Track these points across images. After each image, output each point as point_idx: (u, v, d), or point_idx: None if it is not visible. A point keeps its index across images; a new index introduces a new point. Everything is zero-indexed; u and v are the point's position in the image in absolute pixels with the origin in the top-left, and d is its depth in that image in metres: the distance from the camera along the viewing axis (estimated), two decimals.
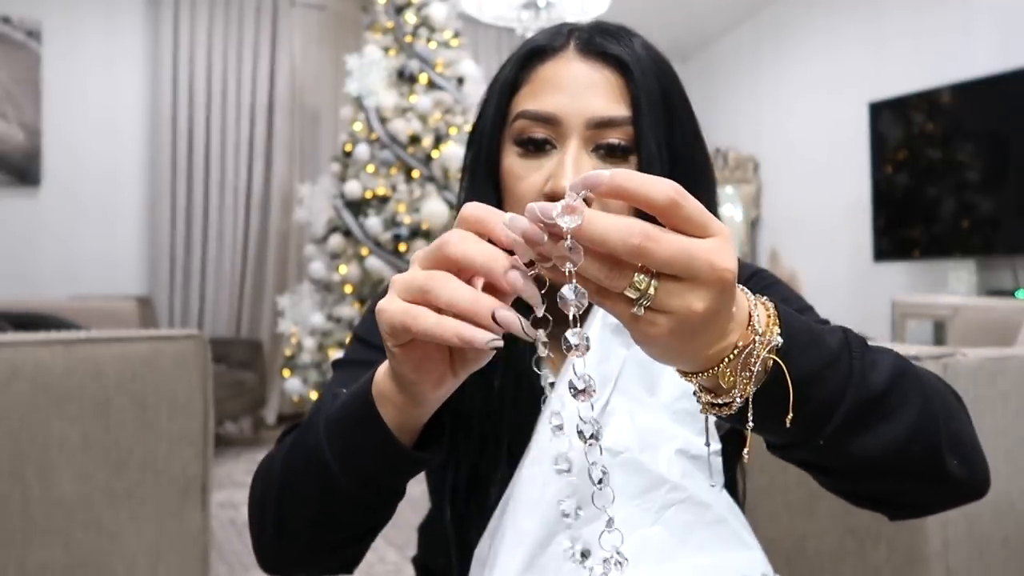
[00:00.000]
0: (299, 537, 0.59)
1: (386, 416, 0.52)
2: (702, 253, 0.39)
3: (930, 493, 0.55)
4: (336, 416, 0.55)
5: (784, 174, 5.11)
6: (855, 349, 0.49)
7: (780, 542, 1.23)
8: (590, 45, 0.68)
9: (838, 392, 0.47)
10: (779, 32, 5.08)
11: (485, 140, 0.71)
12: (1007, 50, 3.66)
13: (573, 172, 0.64)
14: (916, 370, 0.53)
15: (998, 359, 1.11)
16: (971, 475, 0.54)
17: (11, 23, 4.13)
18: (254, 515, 0.62)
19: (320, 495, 0.56)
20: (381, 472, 0.55)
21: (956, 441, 0.52)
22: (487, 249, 0.42)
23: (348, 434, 0.54)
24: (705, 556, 0.59)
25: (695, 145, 0.71)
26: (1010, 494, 1.12)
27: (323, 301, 3.99)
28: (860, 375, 0.48)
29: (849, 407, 0.47)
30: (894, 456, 0.49)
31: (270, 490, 0.60)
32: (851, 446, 0.48)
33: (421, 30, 4.01)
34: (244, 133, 4.66)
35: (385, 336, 0.46)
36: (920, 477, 0.52)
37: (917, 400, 0.51)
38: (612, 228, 0.38)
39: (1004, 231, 3.64)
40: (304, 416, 0.64)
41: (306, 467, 0.56)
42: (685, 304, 0.39)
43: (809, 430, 0.47)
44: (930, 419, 0.51)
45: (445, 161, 3.84)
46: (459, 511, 0.70)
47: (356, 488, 0.55)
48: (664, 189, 0.39)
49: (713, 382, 0.44)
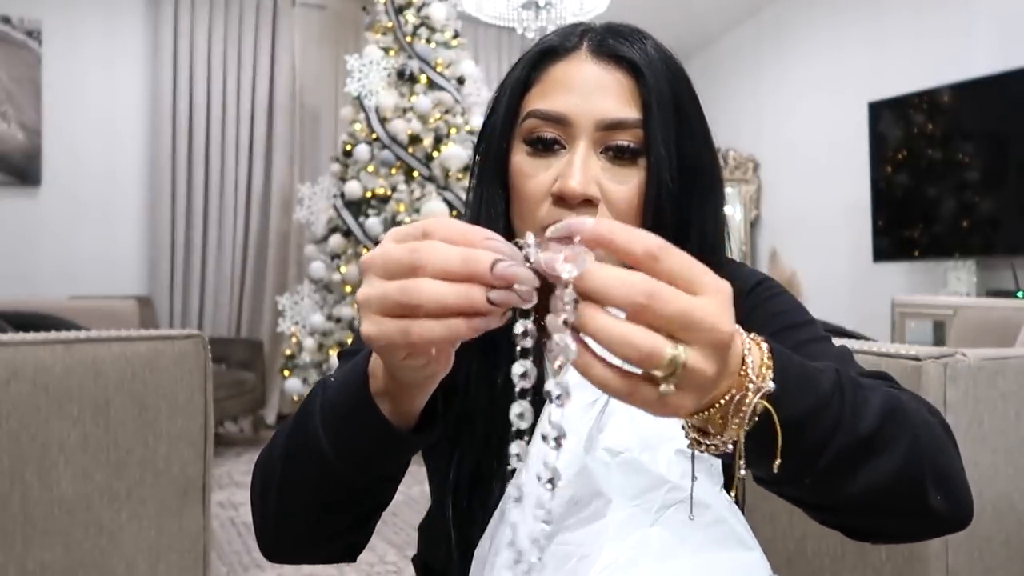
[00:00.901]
0: (300, 523, 0.60)
1: (382, 404, 0.52)
2: (702, 313, 0.37)
3: (914, 526, 0.56)
4: (332, 404, 0.56)
5: (784, 174, 5.11)
6: (847, 389, 0.49)
7: (780, 542, 1.23)
8: (602, 46, 0.68)
9: (827, 434, 0.47)
10: (779, 32, 5.08)
11: (495, 138, 0.71)
12: (1007, 50, 3.66)
13: (581, 173, 0.65)
14: (905, 405, 0.54)
15: (998, 359, 1.11)
16: (954, 510, 0.54)
17: (11, 23, 4.13)
18: (256, 503, 0.62)
19: (319, 481, 0.57)
20: (378, 458, 0.55)
21: (942, 476, 0.53)
22: (458, 258, 0.40)
23: (344, 422, 0.54)
24: (705, 556, 0.59)
25: (704, 150, 0.71)
26: (1010, 495, 1.12)
27: (323, 301, 3.99)
28: (850, 416, 0.48)
29: (837, 449, 0.48)
30: (880, 494, 0.50)
31: (270, 477, 0.60)
32: (838, 485, 0.49)
33: (421, 30, 4.01)
34: (244, 133, 4.66)
35: (382, 356, 0.46)
36: (905, 513, 0.53)
37: (905, 439, 0.51)
38: (614, 283, 0.36)
39: (1004, 231, 3.64)
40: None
41: (304, 455, 0.57)
42: (700, 370, 0.38)
43: (798, 470, 0.48)
44: (916, 457, 0.52)
45: (445, 161, 3.84)
46: (461, 508, 0.70)
47: (354, 474, 0.55)
48: (646, 243, 0.38)
49: (703, 424, 0.44)
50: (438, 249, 0.40)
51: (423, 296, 0.40)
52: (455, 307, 0.40)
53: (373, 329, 0.43)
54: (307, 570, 2.42)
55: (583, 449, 0.60)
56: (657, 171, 0.66)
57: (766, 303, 0.73)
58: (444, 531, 0.71)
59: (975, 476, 1.10)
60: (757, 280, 0.76)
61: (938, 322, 3.19)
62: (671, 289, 0.37)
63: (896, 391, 0.56)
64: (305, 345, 3.89)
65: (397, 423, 0.53)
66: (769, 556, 0.62)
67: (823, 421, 0.47)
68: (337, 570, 2.41)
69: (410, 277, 0.41)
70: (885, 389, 0.53)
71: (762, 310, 0.72)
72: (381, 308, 0.42)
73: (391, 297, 0.41)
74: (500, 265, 0.39)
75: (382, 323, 0.42)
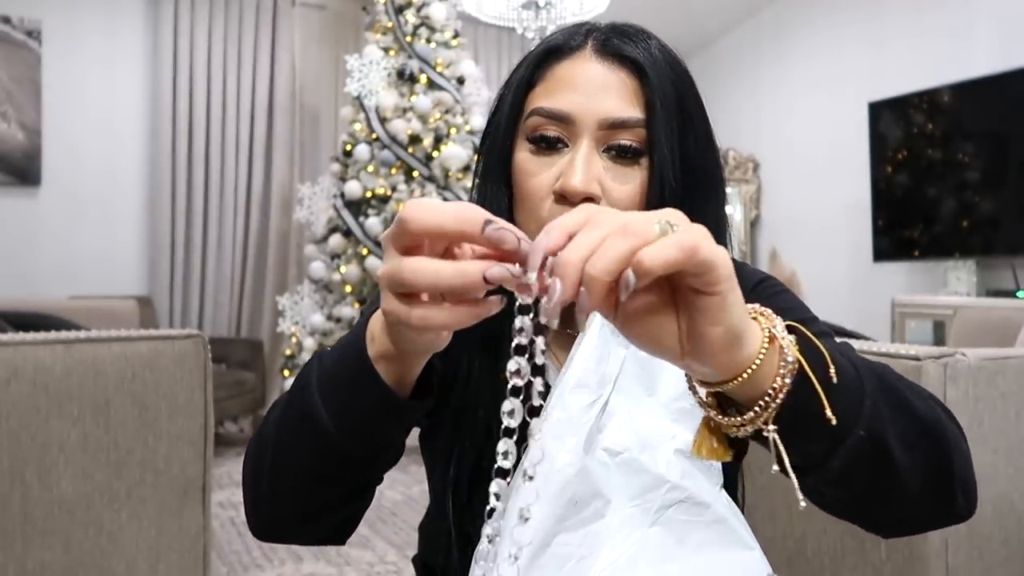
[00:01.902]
0: (295, 496, 0.59)
1: (383, 371, 0.53)
2: (688, 240, 0.39)
3: (931, 517, 0.57)
4: (329, 373, 0.56)
5: (784, 174, 5.11)
6: (858, 363, 0.51)
7: (780, 542, 1.23)
8: (607, 46, 0.68)
9: (859, 395, 0.48)
10: (779, 32, 5.08)
11: (498, 136, 0.72)
12: (1007, 50, 3.66)
13: (583, 171, 0.65)
14: (920, 389, 0.55)
15: (998, 359, 1.11)
16: (968, 504, 0.56)
17: (11, 23, 4.13)
18: (248, 479, 0.62)
19: (315, 452, 0.56)
20: (377, 424, 0.55)
21: (961, 470, 0.54)
22: (452, 212, 0.41)
23: (344, 392, 0.54)
24: (705, 556, 0.59)
25: (707, 150, 0.71)
26: (1010, 494, 1.12)
27: (323, 301, 3.99)
28: (873, 386, 0.49)
29: (873, 405, 0.48)
30: (912, 481, 0.51)
31: (264, 451, 0.60)
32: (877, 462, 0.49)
33: (421, 30, 4.01)
34: (244, 133, 4.66)
35: (392, 329, 0.47)
36: (930, 503, 0.54)
37: (928, 414, 0.52)
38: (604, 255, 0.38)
39: (1004, 231, 3.64)
40: None
41: (300, 427, 0.56)
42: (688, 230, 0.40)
43: (836, 436, 0.47)
44: (945, 446, 0.53)
45: (445, 161, 3.84)
46: (461, 504, 0.70)
47: (351, 442, 0.55)
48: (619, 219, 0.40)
49: (750, 384, 0.44)
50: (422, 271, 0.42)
51: (420, 274, 0.41)
52: (450, 283, 0.41)
53: (386, 305, 0.44)
54: (308, 569, 2.42)
55: (582, 449, 0.60)
56: (660, 171, 0.66)
57: (768, 301, 0.73)
58: (444, 528, 0.71)
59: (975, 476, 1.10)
60: (759, 278, 0.76)
61: (938, 322, 3.19)
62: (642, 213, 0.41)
63: (920, 386, 0.57)
64: (305, 345, 3.89)
65: (395, 389, 0.54)
66: (769, 556, 0.62)
67: (853, 384, 0.48)
68: (337, 570, 2.41)
69: (413, 249, 0.42)
70: (908, 381, 0.55)
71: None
72: (389, 286, 0.43)
73: (395, 276, 0.42)
74: (490, 227, 0.40)
75: (391, 300, 0.44)
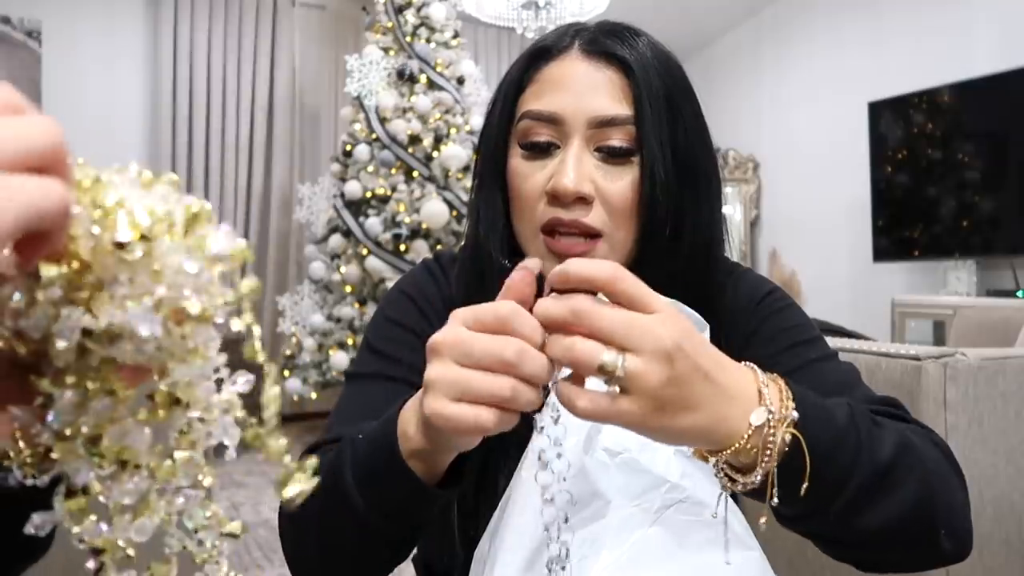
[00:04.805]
0: (341, 565, 0.62)
1: (416, 467, 0.54)
2: (641, 322, 0.42)
3: (921, 558, 0.58)
4: (364, 467, 0.57)
5: (784, 174, 5.11)
6: (861, 424, 0.51)
7: (780, 542, 1.23)
8: (594, 45, 0.68)
9: (848, 465, 0.49)
10: (779, 32, 5.07)
11: (492, 141, 0.72)
12: (1007, 50, 3.66)
13: (574, 171, 0.65)
14: (915, 440, 0.55)
15: (998, 359, 1.11)
16: (957, 547, 0.56)
17: (11, 23, 4.13)
18: (292, 548, 0.64)
19: (356, 533, 0.59)
20: (415, 511, 0.57)
21: (948, 513, 0.55)
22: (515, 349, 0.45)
23: (379, 485, 0.56)
24: (705, 556, 0.59)
25: (699, 146, 0.70)
26: (1010, 495, 1.12)
27: (323, 301, 3.99)
28: (867, 450, 0.50)
29: (858, 481, 0.49)
30: (896, 527, 0.52)
31: (307, 535, 0.62)
32: (858, 518, 0.50)
33: (421, 30, 4.01)
34: (244, 133, 4.66)
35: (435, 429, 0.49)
36: (917, 544, 0.55)
37: (919, 474, 0.53)
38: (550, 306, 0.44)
39: (1004, 231, 3.63)
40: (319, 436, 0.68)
41: (339, 510, 0.58)
42: (642, 378, 0.42)
43: (823, 500, 0.49)
44: (929, 493, 0.53)
45: (445, 161, 3.84)
46: (466, 505, 0.70)
47: (389, 526, 0.57)
48: (600, 272, 0.44)
49: (736, 459, 0.47)
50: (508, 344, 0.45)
51: (482, 387, 0.45)
52: (500, 398, 0.45)
53: (440, 407, 0.46)
54: None
55: (582, 450, 0.60)
56: (650, 168, 0.66)
57: (774, 316, 0.73)
58: (445, 532, 0.71)
59: (975, 476, 1.10)
60: (766, 291, 0.76)
61: (938, 322, 3.19)
62: (607, 307, 0.43)
63: (903, 425, 0.57)
64: (305, 345, 3.89)
65: (426, 478, 0.55)
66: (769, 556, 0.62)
67: (844, 452, 0.49)
68: None
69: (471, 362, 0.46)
70: (895, 424, 0.55)
71: (770, 324, 0.73)
72: (448, 393, 0.46)
73: (459, 384, 0.45)
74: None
75: (449, 406, 0.46)
